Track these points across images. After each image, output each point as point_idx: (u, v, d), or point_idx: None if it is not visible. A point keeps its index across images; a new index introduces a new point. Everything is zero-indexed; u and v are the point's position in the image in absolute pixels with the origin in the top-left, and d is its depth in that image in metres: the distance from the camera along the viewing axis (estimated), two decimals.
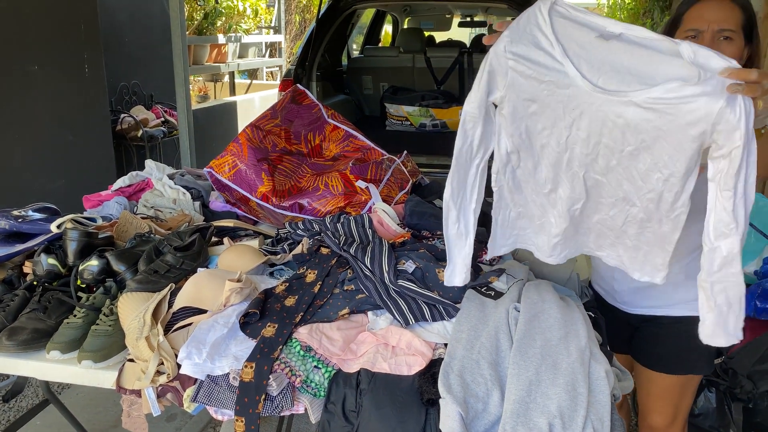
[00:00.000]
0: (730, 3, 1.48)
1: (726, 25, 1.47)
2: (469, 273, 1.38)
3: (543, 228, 1.37)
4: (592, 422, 1.15)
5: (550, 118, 1.21)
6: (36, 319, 1.51)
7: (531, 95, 1.21)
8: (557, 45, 1.15)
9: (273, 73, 9.84)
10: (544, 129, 1.24)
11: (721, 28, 1.47)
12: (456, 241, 1.36)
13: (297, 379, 1.30)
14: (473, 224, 1.35)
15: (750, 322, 1.93)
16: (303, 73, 4.52)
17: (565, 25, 1.16)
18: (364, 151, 2.38)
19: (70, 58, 3.86)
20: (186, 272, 1.66)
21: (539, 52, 1.17)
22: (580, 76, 1.14)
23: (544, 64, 1.17)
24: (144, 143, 4.70)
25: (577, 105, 1.17)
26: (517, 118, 1.24)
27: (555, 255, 1.39)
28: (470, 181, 1.32)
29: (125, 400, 1.42)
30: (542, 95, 1.19)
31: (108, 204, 2.18)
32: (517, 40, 1.19)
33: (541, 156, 1.27)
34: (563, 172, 1.26)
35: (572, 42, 1.15)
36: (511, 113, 1.24)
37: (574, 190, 1.28)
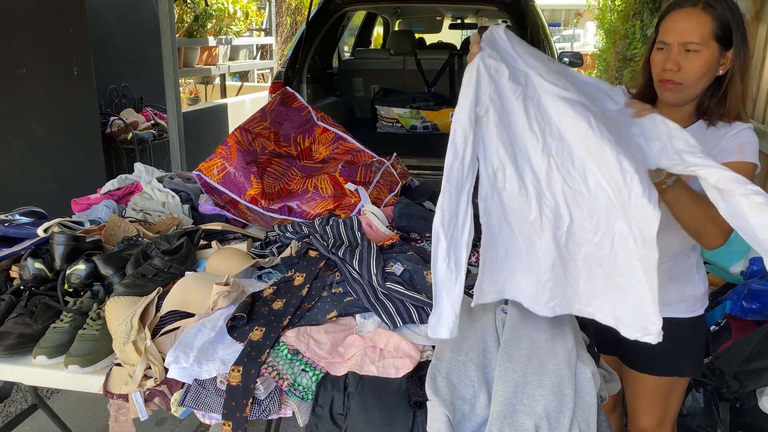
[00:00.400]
0: (700, 12, 1.48)
1: (690, 37, 1.47)
2: (457, 322, 1.20)
3: (531, 267, 1.30)
4: (578, 423, 1.16)
5: (526, 122, 1.22)
6: (22, 323, 1.51)
7: (510, 98, 1.22)
8: (519, 59, 1.23)
9: (264, 75, 9.83)
10: (524, 134, 1.23)
11: (684, 41, 1.48)
12: (445, 281, 1.20)
13: (284, 383, 1.30)
14: (465, 259, 1.22)
15: (736, 322, 1.96)
16: (293, 75, 4.52)
17: (518, 46, 1.25)
18: (354, 153, 2.38)
19: (59, 61, 3.84)
20: (174, 276, 1.65)
21: (508, 58, 1.23)
22: (543, 80, 1.20)
23: (516, 67, 1.22)
24: (134, 146, 4.68)
25: (546, 108, 1.20)
26: (501, 128, 1.23)
27: (544, 302, 1.30)
28: (462, 208, 1.22)
29: (112, 404, 1.42)
30: (516, 97, 1.21)
31: (97, 207, 2.17)
32: (492, 46, 1.23)
33: (524, 172, 1.24)
34: (545, 187, 1.23)
35: (526, 57, 1.24)
36: (496, 123, 1.22)
37: (557, 209, 1.24)
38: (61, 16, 3.82)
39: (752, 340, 1.79)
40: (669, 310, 1.61)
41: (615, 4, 8.89)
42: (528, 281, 1.30)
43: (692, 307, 1.69)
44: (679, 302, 1.68)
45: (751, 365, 1.75)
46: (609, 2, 9.27)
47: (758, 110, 3.45)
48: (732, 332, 1.93)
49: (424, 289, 1.54)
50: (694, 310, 1.69)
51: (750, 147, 1.51)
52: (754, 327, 1.91)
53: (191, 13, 6.66)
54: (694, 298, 1.70)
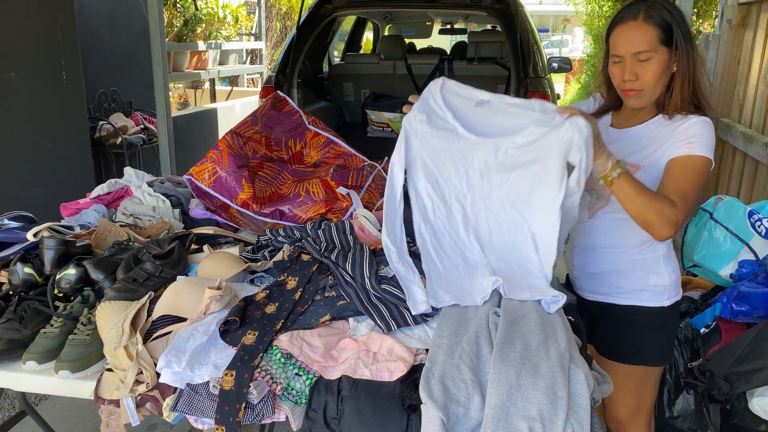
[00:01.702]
0: (642, 23, 1.57)
1: (639, 47, 1.58)
2: (428, 300, 1.48)
3: (471, 270, 1.58)
4: (572, 425, 1.16)
5: (453, 165, 1.58)
6: (12, 329, 1.49)
7: (437, 150, 1.58)
8: (448, 112, 1.56)
9: (254, 80, 9.81)
10: (450, 175, 1.60)
11: (636, 52, 1.58)
12: (405, 275, 1.54)
13: (278, 387, 1.30)
14: (408, 258, 1.59)
15: (726, 324, 1.97)
16: (284, 79, 4.51)
17: (452, 98, 1.56)
18: (345, 157, 2.38)
19: (48, 65, 3.82)
20: (165, 280, 1.64)
21: (437, 118, 1.57)
22: (466, 132, 1.54)
23: (441, 126, 1.57)
24: (123, 150, 4.66)
25: (469, 152, 1.55)
26: (430, 167, 1.60)
27: (495, 285, 1.50)
28: (397, 227, 1.61)
29: (104, 410, 1.41)
30: (444, 149, 1.58)
31: (86, 212, 2.16)
32: (422, 110, 1.58)
33: (451, 200, 1.61)
34: (470, 213, 1.61)
35: (458, 109, 1.56)
36: (424, 165, 1.61)
37: (479, 223, 1.60)
38: (50, 20, 3.79)
39: (742, 342, 1.80)
40: (632, 298, 1.76)
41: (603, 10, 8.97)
42: (474, 283, 1.54)
43: (657, 297, 1.74)
44: (642, 291, 1.74)
45: (741, 367, 1.76)
46: (597, 8, 9.36)
47: (745, 115, 3.49)
48: (722, 334, 1.94)
49: None
50: (659, 300, 1.74)
51: (700, 140, 1.57)
52: (744, 329, 1.93)
53: (181, 18, 6.65)
54: (659, 288, 1.73)
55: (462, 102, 1.56)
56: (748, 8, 3.59)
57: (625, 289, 1.76)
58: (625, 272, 1.75)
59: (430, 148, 1.59)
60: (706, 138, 1.58)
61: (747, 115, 3.46)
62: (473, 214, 1.61)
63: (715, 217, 2.19)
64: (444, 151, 1.58)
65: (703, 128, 1.59)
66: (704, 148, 1.57)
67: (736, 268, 2.09)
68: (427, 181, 1.61)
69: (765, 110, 3.25)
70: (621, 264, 1.75)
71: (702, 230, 2.22)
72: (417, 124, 1.58)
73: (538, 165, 1.49)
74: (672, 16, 1.58)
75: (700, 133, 1.58)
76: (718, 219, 2.18)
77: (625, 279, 1.75)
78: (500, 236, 1.59)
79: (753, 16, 3.53)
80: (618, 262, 1.75)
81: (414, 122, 1.58)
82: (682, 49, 1.58)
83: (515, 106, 1.50)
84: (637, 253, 1.72)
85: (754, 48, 3.46)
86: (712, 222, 2.19)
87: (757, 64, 3.38)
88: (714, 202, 2.24)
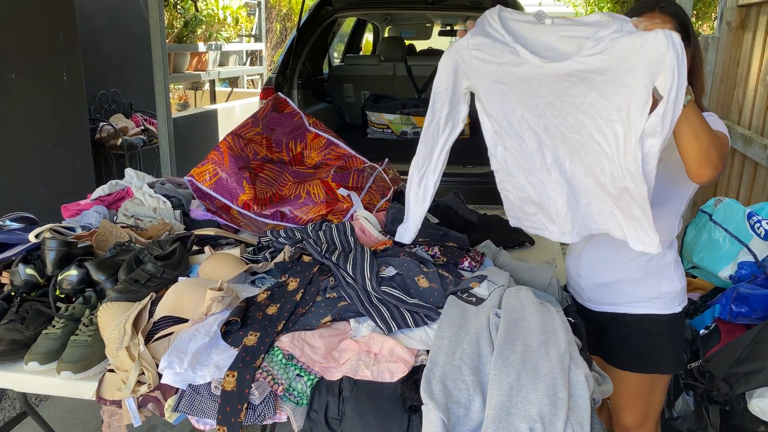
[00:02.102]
0: (658, 14, 1.56)
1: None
2: (416, 233, 1.62)
3: (549, 212, 1.50)
4: (572, 426, 1.16)
5: (516, 93, 1.42)
6: (14, 330, 1.49)
7: (496, 77, 1.43)
8: (508, 35, 1.39)
9: (254, 81, 9.82)
10: (516, 104, 1.44)
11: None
12: (415, 203, 1.59)
13: (279, 388, 1.30)
14: (431, 194, 1.59)
15: (726, 325, 1.97)
16: (284, 81, 4.52)
17: (510, 22, 1.41)
18: (346, 158, 2.39)
19: (49, 66, 3.82)
20: (167, 281, 1.65)
21: (495, 43, 1.41)
22: (529, 54, 1.35)
23: (499, 50, 1.40)
24: (123, 152, 4.66)
25: (534, 77, 1.37)
26: (491, 99, 1.47)
27: (569, 231, 1.48)
28: (435, 156, 1.56)
29: (105, 410, 1.41)
30: (504, 76, 1.42)
31: (87, 213, 2.16)
32: (476, 34, 1.44)
33: (521, 130, 1.46)
34: (545, 138, 1.44)
35: (517, 33, 1.39)
36: (485, 96, 1.47)
37: (558, 154, 1.44)
38: (50, 21, 3.80)
39: (741, 344, 1.80)
40: (646, 306, 1.71)
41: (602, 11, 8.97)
42: (550, 224, 1.51)
43: (669, 303, 1.71)
44: (656, 298, 1.70)
45: (740, 368, 1.76)
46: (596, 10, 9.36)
47: (744, 117, 3.50)
48: (721, 336, 1.94)
49: (416, 293, 1.55)
50: (672, 307, 1.71)
51: (715, 124, 1.51)
52: (743, 330, 1.93)
53: (181, 19, 6.65)
54: (672, 294, 1.70)
55: (519, 26, 1.40)
56: (748, 10, 3.60)
57: (637, 298, 1.71)
58: (637, 280, 1.70)
59: (486, 76, 1.45)
60: (720, 124, 1.54)
61: (746, 117, 3.47)
62: (549, 139, 1.44)
63: (714, 219, 2.19)
64: (503, 78, 1.42)
65: (715, 119, 1.56)
66: (722, 128, 1.53)
67: (735, 269, 2.10)
68: (490, 118, 1.50)
69: (764, 112, 3.26)
70: (633, 272, 1.69)
71: (701, 232, 2.22)
72: (471, 51, 1.44)
73: (618, 85, 1.26)
74: (684, 12, 1.60)
75: (712, 121, 1.51)
76: (717, 221, 2.18)
77: (638, 288, 1.71)
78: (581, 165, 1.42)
79: (752, 18, 3.53)
80: (629, 270, 1.70)
81: (465, 51, 1.45)
82: (695, 46, 1.58)
83: (584, 25, 1.30)
84: (648, 260, 1.67)
85: (753, 50, 3.47)
86: (712, 223, 2.19)
87: (757, 66, 3.39)
88: (713, 204, 2.25)
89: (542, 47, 1.35)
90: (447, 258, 1.75)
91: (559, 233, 1.52)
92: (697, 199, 3.82)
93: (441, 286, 1.57)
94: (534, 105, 1.41)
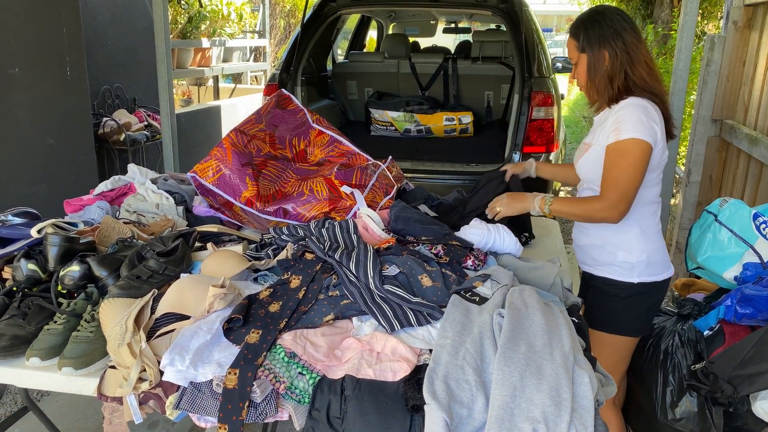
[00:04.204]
0: (569, 38, 1.95)
1: (571, 57, 1.96)
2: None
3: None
4: (575, 427, 1.16)
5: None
6: (15, 325, 1.49)
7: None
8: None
9: (257, 77, 9.81)
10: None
11: (571, 61, 1.97)
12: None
13: (281, 386, 1.29)
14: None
15: (730, 327, 1.96)
16: (288, 77, 4.51)
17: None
18: (349, 156, 2.38)
19: (52, 61, 3.82)
20: (169, 278, 1.64)
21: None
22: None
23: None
24: (126, 147, 4.66)
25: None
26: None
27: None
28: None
29: (107, 407, 1.41)
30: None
31: (90, 208, 2.16)
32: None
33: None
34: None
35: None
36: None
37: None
38: (54, 17, 3.79)
39: (746, 345, 1.79)
40: (604, 270, 1.99)
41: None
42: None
43: (625, 272, 1.94)
44: (611, 265, 1.96)
45: (745, 370, 1.75)
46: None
47: (750, 117, 3.48)
48: (726, 337, 1.93)
49: (420, 292, 1.54)
50: (628, 276, 1.93)
51: (625, 124, 1.77)
52: (748, 332, 1.92)
53: (185, 15, 6.65)
54: (627, 265, 1.93)
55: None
56: (754, 9, 3.58)
57: (599, 262, 1.99)
58: (599, 246, 1.97)
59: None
60: (631, 119, 1.77)
61: (752, 117, 3.45)
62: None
63: (719, 219, 2.18)
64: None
65: (629, 110, 1.79)
66: (631, 129, 1.76)
67: (740, 270, 2.08)
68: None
69: None
70: (596, 238, 1.97)
71: (706, 232, 2.21)
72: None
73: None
74: (581, 26, 1.89)
75: (625, 115, 1.78)
76: (722, 221, 2.17)
77: (599, 252, 1.98)
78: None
79: (759, 17, 3.51)
80: (596, 236, 1.98)
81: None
82: (592, 52, 1.86)
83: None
84: (610, 231, 1.92)
85: (759, 49, 3.44)
86: (717, 224, 2.18)
87: (763, 66, 3.37)
88: (719, 204, 2.23)
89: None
90: (450, 257, 1.74)
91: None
92: (702, 200, 3.81)
93: (444, 285, 1.56)
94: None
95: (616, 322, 1.99)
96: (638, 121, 1.77)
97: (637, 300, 1.97)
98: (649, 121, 1.78)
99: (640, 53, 1.85)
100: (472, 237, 1.88)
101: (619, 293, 1.96)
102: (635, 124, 1.76)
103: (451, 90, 5.52)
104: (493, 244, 1.90)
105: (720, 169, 3.78)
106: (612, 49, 1.84)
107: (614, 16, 1.88)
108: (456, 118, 5.00)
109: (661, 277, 1.97)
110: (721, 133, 3.72)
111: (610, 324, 1.99)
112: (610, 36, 1.85)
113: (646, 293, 1.96)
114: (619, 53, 1.84)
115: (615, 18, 1.87)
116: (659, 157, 1.86)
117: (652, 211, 1.95)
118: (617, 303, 1.97)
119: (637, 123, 1.77)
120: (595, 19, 1.89)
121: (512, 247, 1.91)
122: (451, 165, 4.22)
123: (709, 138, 3.76)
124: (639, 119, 1.77)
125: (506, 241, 1.90)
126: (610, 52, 1.85)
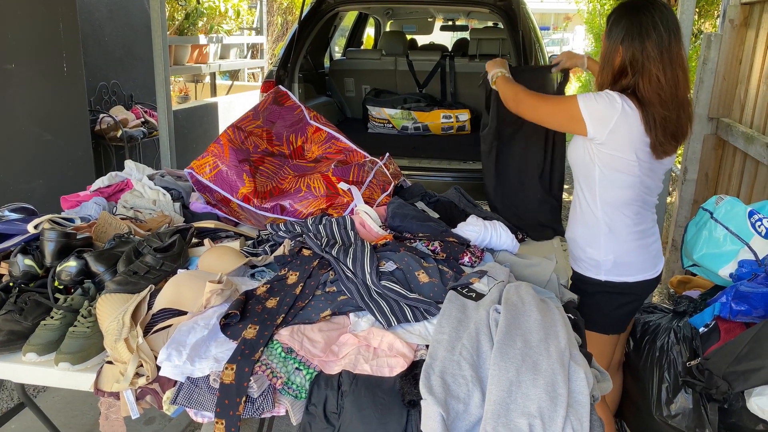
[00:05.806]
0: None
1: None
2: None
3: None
4: (571, 423, 1.16)
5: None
6: (12, 320, 1.49)
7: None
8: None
9: (254, 74, 9.79)
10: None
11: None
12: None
13: (278, 381, 1.30)
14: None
15: (725, 323, 1.97)
16: (285, 74, 4.50)
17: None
18: (347, 153, 2.38)
19: (49, 57, 3.81)
20: (166, 273, 1.64)
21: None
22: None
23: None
24: (123, 143, 4.65)
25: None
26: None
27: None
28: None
29: (103, 402, 1.41)
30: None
31: (86, 204, 2.15)
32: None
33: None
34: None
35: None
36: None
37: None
38: (51, 12, 3.78)
39: (741, 342, 1.80)
40: (577, 266, 2.04)
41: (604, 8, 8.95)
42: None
43: (592, 269, 1.97)
44: (579, 259, 2.02)
45: (740, 366, 1.76)
46: (598, 7, 9.34)
47: (746, 115, 3.49)
48: (721, 334, 1.94)
49: (417, 288, 1.55)
50: (595, 273, 1.97)
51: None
52: (743, 328, 1.93)
53: (182, 11, 6.63)
54: (593, 262, 1.96)
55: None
56: (751, 8, 3.58)
57: (573, 256, 2.06)
58: (573, 240, 2.03)
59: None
60: (592, 94, 1.78)
61: (748, 115, 3.46)
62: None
63: (715, 217, 2.19)
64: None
65: (600, 93, 1.77)
66: (582, 94, 1.78)
67: (735, 267, 2.09)
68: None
69: (766, 110, 3.24)
70: (572, 233, 2.04)
71: (702, 229, 2.21)
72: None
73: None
74: (616, 10, 1.81)
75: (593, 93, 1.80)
76: (718, 218, 2.17)
77: (574, 246, 2.04)
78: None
79: (755, 15, 3.52)
80: (572, 230, 2.04)
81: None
82: (610, 43, 1.79)
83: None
84: (582, 226, 1.98)
85: (756, 48, 3.45)
86: (713, 221, 2.19)
87: (759, 64, 3.37)
88: (714, 202, 2.24)
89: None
90: (447, 253, 1.75)
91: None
92: (698, 197, 3.82)
93: (441, 281, 1.57)
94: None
95: (586, 317, 1.91)
96: (593, 97, 1.76)
97: (605, 298, 1.98)
98: (604, 108, 1.71)
99: (653, 68, 1.69)
100: (469, 234, 1.88)
101: (587, 288, 1.98)
102: (589, 96, 1.76)
103: (449, 87, 5.52)
104: (489, 240, 1.90)
105: (716, 167, 3.79)
106: (628, 50, 1.72)
107: (657, 13, 1.69)
108: (453, 115, 5.01)
109: (632, 279, 1.96)
110: (718, 131, 3.73)
111: (589, 320, 1.92)
112: (635, 35, 1.70)
113: (615, 292, 1.97)
114: (634, 59, 1.71)
115: (653, 18, 1.69)
116: (609, 152, 1.77)
117: (626, 214, 1.89)
118: (586, 298, 1.93)
119: (590, 97, 1.76)
120: (633, 10, 1.72)
121: (509, 244, 1.92)
122: (448, 162, 4.23)
123: (705, 136, 3.77)
124: (596, 99, 1.75)
125: (503, 237, 1.91)
126: (625, 53, 1.72)
